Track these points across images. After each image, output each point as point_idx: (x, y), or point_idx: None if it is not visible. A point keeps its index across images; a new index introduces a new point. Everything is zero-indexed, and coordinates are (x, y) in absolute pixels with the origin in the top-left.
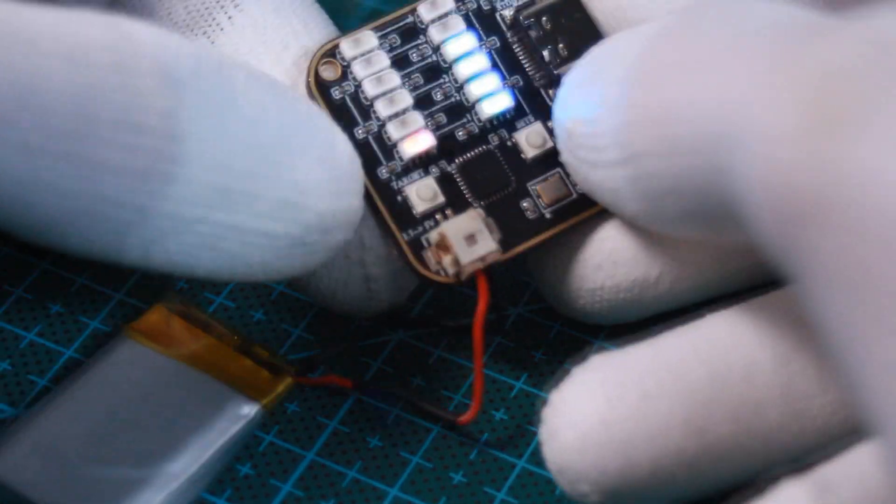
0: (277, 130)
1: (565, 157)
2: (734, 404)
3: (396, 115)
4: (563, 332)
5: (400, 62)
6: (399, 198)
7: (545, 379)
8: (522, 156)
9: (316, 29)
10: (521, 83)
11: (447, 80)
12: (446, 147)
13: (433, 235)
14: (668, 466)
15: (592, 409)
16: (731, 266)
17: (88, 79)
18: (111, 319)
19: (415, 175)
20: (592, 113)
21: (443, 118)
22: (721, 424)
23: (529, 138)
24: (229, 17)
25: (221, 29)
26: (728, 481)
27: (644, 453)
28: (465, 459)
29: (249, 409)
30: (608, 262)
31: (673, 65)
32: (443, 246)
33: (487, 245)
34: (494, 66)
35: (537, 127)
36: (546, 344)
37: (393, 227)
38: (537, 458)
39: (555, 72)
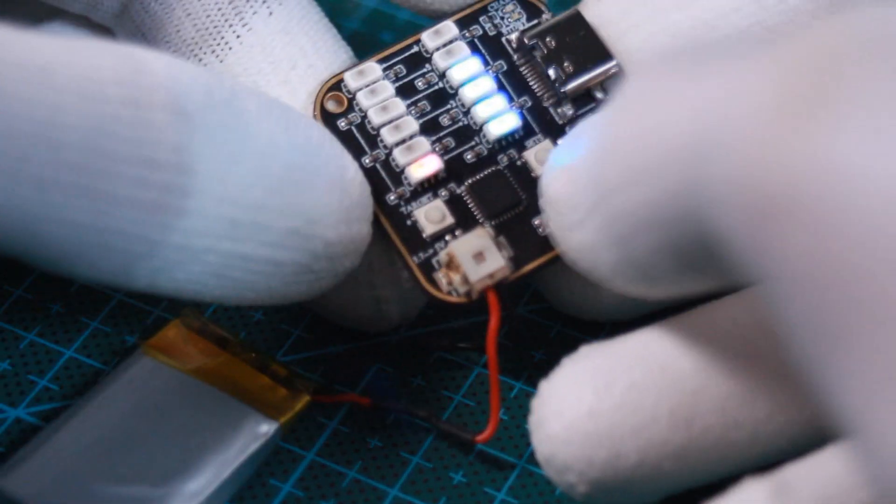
0: (287, 160)
1: (551, 229)
2: (721, 396)
3: (403, 141)
4: (563, 332)
5: (406, 90)
6: (408, 222)
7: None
8: (532, 174)
9: (325, 47)
10: (530, 103)
11: (454, 104)
12: (455, 170)
13: (442, 256)
14: (654, 458)
15: (579, 400)
16: None
17: (101, 113)
18: (111, 319)
19: (423, 199)
20: (570, 162)
21: (451, 142)
22: (708, 416)
23: (538, 155)
24: (237, 36)
25: (230, 48)
26: (716, 474)
27: (631, 444)
28: (465, 459)
29: (268, 428)
30: None
31: (642, 95)
32: (452, 265)
33: (496, 262)
34: (501, 88)
35: (546, 144)
36: (546, 344)
37: (403, 251)
38: (537, 459)
39: (562, 89)
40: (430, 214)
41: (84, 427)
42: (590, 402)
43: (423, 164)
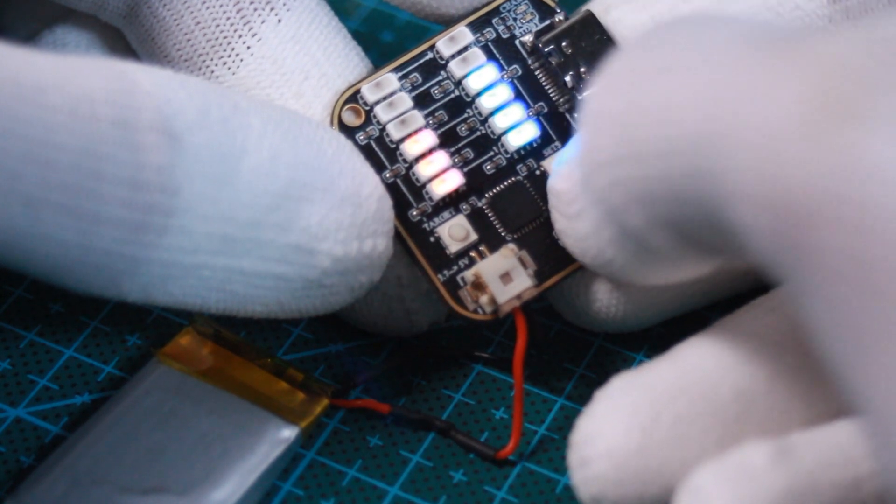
0: (290, 177)
1: (559, 225)
2: (761, 418)
3: (423, 155)
4: (562, 332)
5: (422, 99)
6: (431, 239)
7: (545, 378)
8: None
9: (336, 52)
10: (546, 109)
11: (471, 113)
12: (475, 182)
13: (468, 276)
14: None
15: (627, 438)
16: (737, 269)
17: (92, 133)
18: (111, 319)
19: (445, 214)
20: (571, 157)
21: (470, 153)
22: (750, 439)
23: None
24: (248, 47)
25: (242, 60)
26: None
27: (682, 477)
28: (465, 458)
29: (290, 433)
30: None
31: (650, 70)
32: (479, 285)
33: (523, 282)
34: (518, 95)
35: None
36: (546, 343)
37: (428, 269)
38: (537, 457)
39: (579, 97)
40: (454, 232)
41: (103, 440)
42: (638, 439)
43: (445, 179)
